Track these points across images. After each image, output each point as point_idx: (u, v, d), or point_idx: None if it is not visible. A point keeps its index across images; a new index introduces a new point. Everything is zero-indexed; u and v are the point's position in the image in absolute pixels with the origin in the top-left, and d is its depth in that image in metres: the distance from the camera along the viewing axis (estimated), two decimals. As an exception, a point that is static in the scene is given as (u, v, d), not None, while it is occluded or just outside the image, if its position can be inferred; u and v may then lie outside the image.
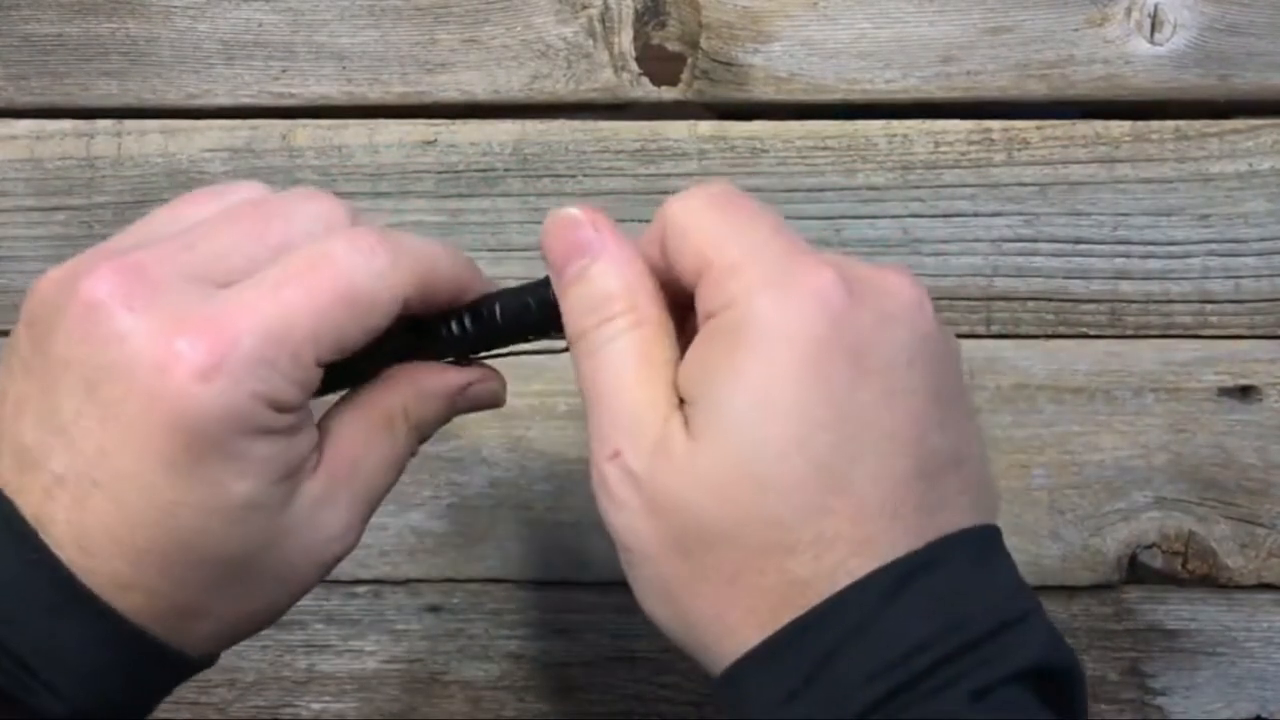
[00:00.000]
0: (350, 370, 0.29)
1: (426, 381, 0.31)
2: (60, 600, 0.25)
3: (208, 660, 0.29)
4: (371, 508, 0.30)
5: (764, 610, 0.25)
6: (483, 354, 0.32)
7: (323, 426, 0.29)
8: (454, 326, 0.31)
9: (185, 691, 0.49)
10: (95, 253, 0.27)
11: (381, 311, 0.27)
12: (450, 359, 0.32)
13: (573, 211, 0.29)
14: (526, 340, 0.31)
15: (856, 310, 0.25)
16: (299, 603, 0.30)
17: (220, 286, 0.26)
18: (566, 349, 0.30)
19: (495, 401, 0.33)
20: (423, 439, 0.31)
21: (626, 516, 0.26)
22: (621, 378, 0.27)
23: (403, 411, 0.30)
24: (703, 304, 0.26)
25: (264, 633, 0.48)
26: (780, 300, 0.25)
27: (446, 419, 0.32)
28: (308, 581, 0.29)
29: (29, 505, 0.25)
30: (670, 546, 0.26)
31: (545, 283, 0.30)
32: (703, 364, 0.26)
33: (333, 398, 0.30)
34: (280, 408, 0.26)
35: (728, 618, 0.25)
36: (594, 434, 0.27)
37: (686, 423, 0.26)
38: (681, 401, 0.27)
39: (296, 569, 0.28)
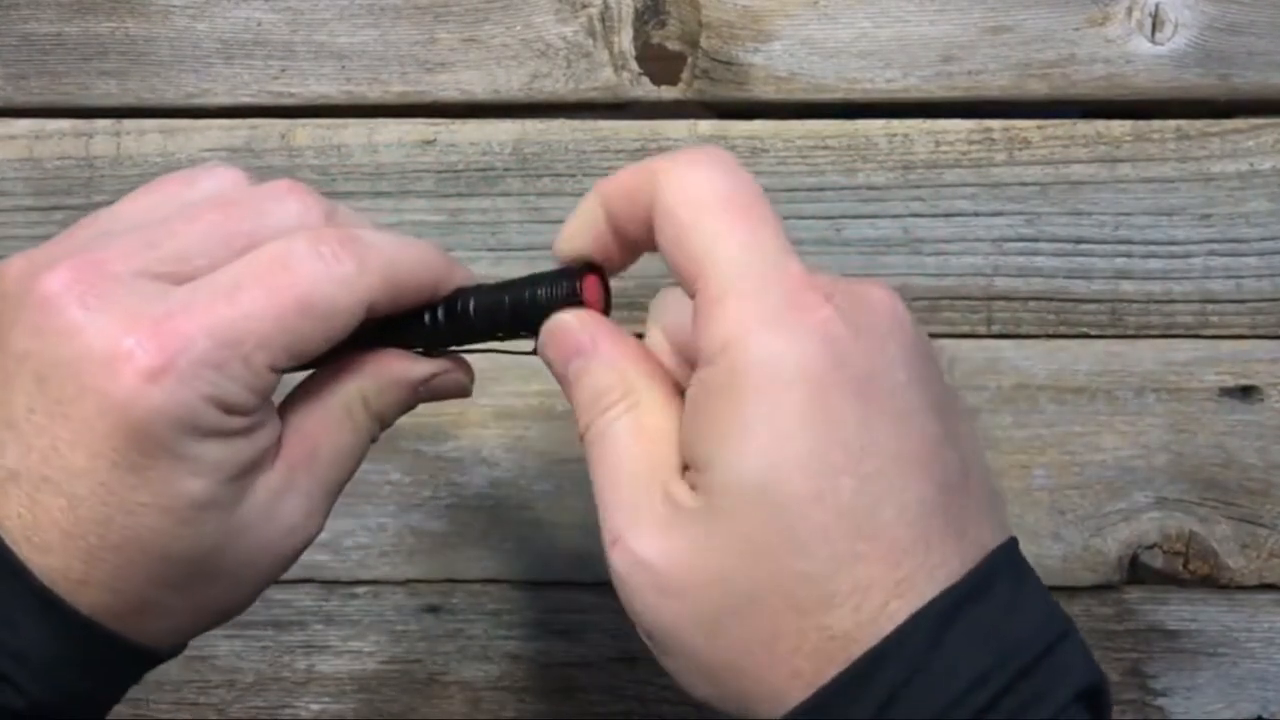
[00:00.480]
0: None
1: (390, 370, 0.30)
2: (14, 595, 0.25)
3: (173, 651, 0.29)
4: (332, 496, 0.30)
5: (809, 671, 0.23)
6: (453, 348, 0.32)
7: (281, 412, 0.29)
8: (426, 319, 0.30)
9: (185, 692, 0.49)
10: (58, 242, 0.27)
11: (342, 320, 0.27)
12: (418, 349, 0.31)
13: (565, 319, 0.29)
14: (498, 339, 0.30)
15: (855, 340, 0.24)
16: (298, 603, 0.30)
17: (179, 284, 0.26)
18: (533, 352, 0.30)
19: (461, 392, 0.32)
20: (384, 426, 0.31)
21: (643, 602, 0.25)
22: (619, 460, 0.27)
23: (362, 399, 0.30)
24: (698, 337, 0.25)
25: (263, 633, 0.49)
26: (780, 342, 0.23)
27: (409, 407, 0.31)
28: (271, 573, 0.29)
29: None
30: (697, 626, 0.24)
31: (525, 282, 0.29)
32: (705, 424, 0.25)
33: (293, 378, 0.30)
34: (232, 410, 0.25)
35: (773, 686, 0.24)
36: (600, 522, 0.26)
37: (695, 489, 0.25)
38: (686, 468, 0.25)
39: (256, 562, 0.28)
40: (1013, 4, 0.46)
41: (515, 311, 0.29)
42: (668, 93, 0.47)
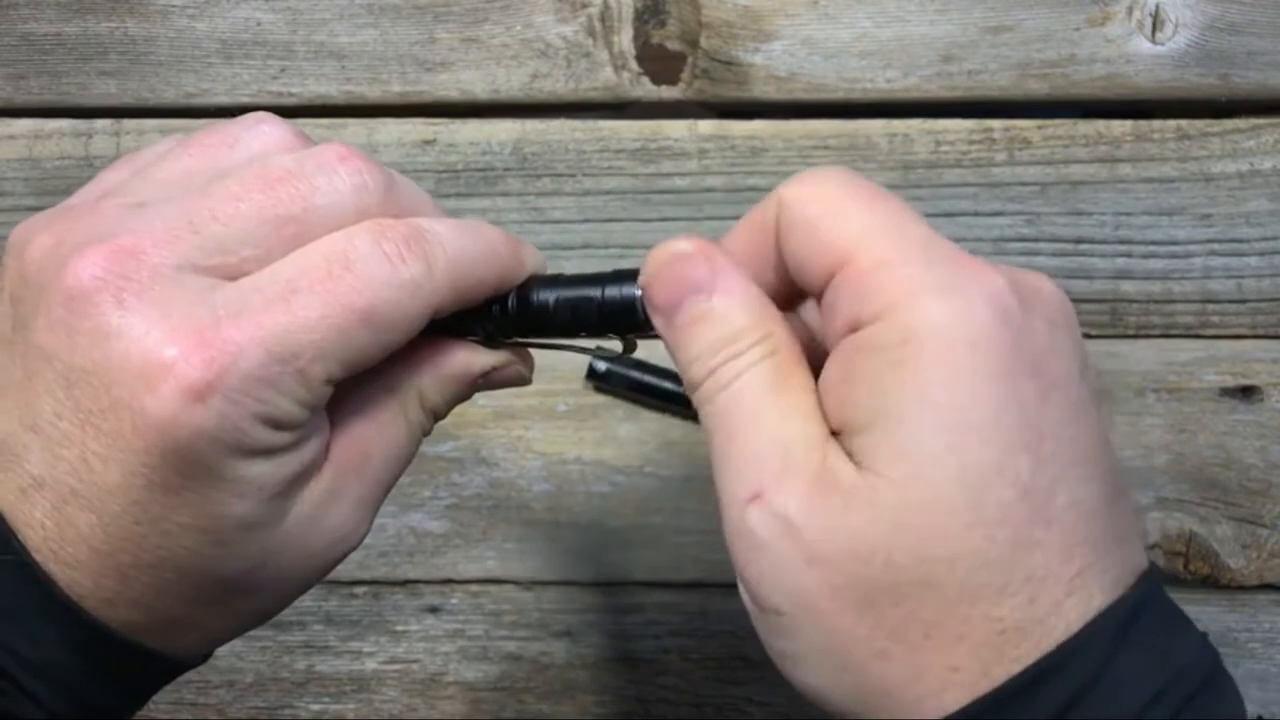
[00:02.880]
0: None
1: (450, 364, 0.27)
2: (36, 608, 0.23)
3: (199, 659, 0.27)
4: (382, 497, 0.27)
5: (972, 667, 0.21)
6: (518, 340, 0.29)
7: (329, 411, 0.26)
8: (495, 310, 0.27)
9: (185, 692, 0.48)
10: (85, 212, 0.24)
11: (407, 326, 0.24)
12: (475, 337, 0.29)
13: (680, 245, 0.25)
14: (576, 336, 0.28)
15: (1029, 318, 0.22)
16: (299, 603, 0.29)
17: (226, 279, 0.23)
18: (625, 351, 0.28)
19: (520, 382, 0.30)
20: (438, 419, 0.28)
21: (778, 570, 0.22)
22: (759, 411, 0.23)
23: (418, 395, 0.27)
24: (843, 308, 0.23)
25: (263, 633, 0.48)
26: (955, 307, 0.21)
27: (465, 399, 0.29)
28: (311, 580, 0.27)
29: (3, 502, 0.23)
30: (843, 601, 0.22)
31: (617, 276, 0.27)
32: (866, 384, 0.22)
33: None
34: (281, 427, 0.23)
35: (924, 680, 0.21)
36: (726, 477, 0.23)
37: (851, 454, 0.22)
38: (834, 432, 0.23)
39: (297, 573, 0.26)
40: (1013, 4, 0.46)
41: (605, 310, 0.26)
42: (668, 93, 0.47)
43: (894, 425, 0.21)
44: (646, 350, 0.48)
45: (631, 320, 0.26)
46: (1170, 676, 0.21)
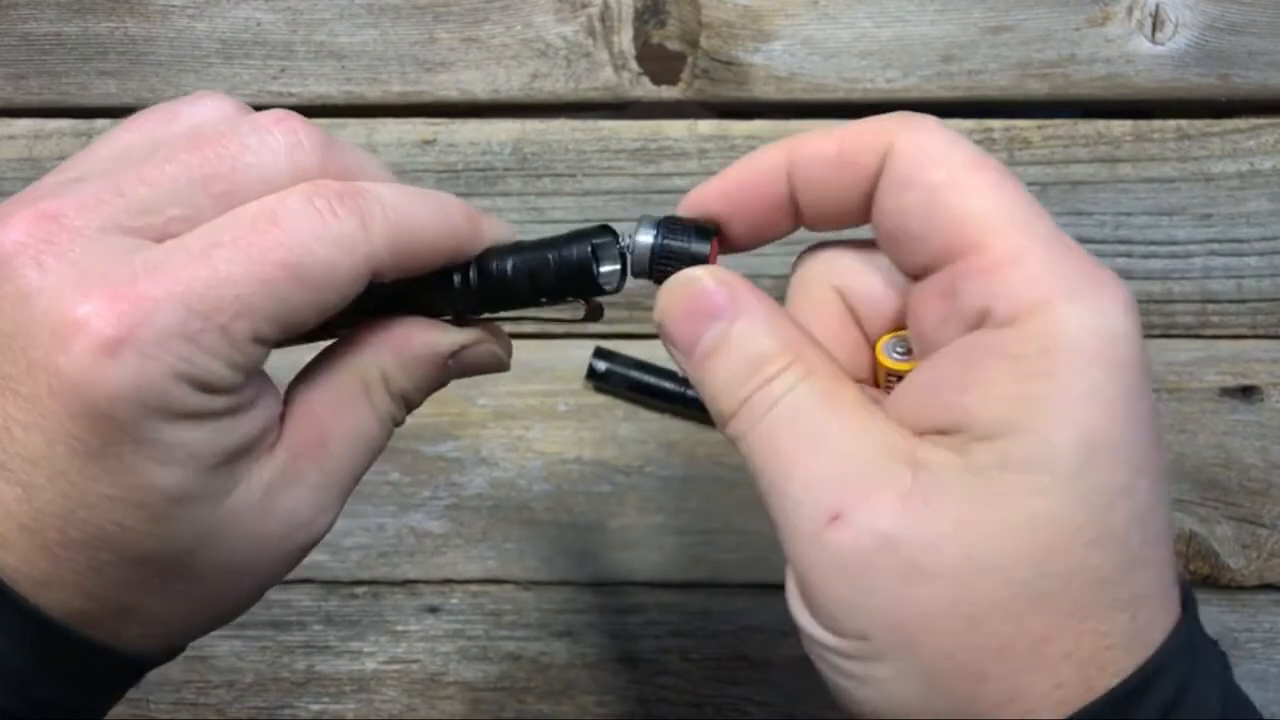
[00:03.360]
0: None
1: (414, 341, 0.26)
2: None
3: (168, 654, 0.26)
4: (346, 488, 0.26)
5: (1076, 683, 0.21)
6: (487, 315, 0.28)
7: (289, 392, 0.25)
8: (455, 280, 0.26)
9: (185, 693, 0.48)
10: (24, 193, 0.24)
11: (341, 287, 0.23)
12: (447, 316, 0.27)
13: (692, 275, 0.24)
14: (539, 304, 0.26)
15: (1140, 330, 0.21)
16: (298, 603, 0.29)
17: (154, 240, 0.22)
18: (586, 317, 0.27)
19: (497, 365, 0.28)
20: (411, 406, 0.27)
21: (869, 591, 0.21)
22: (817, 431, 0.22)
23: (382, 377, 0.26)
24: (970, 300, 0.22)
25: (263, 633, 0.48)
26: (1095, 322, 0.21)
27: (438, 385, 0.27)
28: (271, 572, 0.25)
29: None
30: (946, 620, 0.21)
31: (573, 238, 0.26)
32: (997, 390, 0.21)
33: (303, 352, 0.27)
34: (209, 389, 0.22)
35: (1025, 698, 0.21)
36: (791, 504, 0.22)
37: (959, 455, 0.21)
38: (930, 431, 0.22)
39: (251, 562, 0.24)
40: (1013, 4, 0.46)
41: (563, 270, 0.25)
42: (668, 92, 0.47)
43: (1028, 439, 0.21)
44: (647, 350, 0.48)
45: (589, 281, 0.25)
46: (1223, 693, 0.22)
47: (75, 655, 0.23)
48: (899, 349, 0.25)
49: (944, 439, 0.22)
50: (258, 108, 0.25)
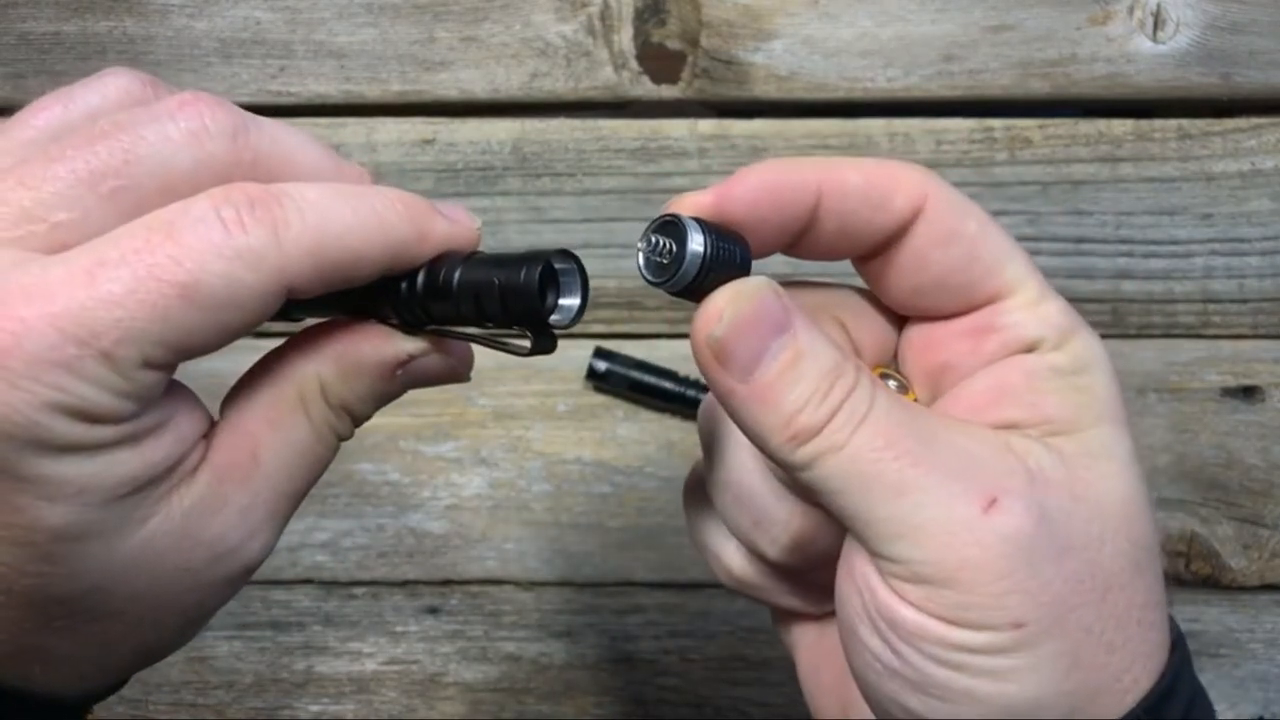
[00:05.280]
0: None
1: (356, 350, 0.24)
2: None
3: (99, 694, 0.24)
4: (281, 509, 0.24)
5: (1155, 657, 0.23)
6: (433, 329, 0.25)
7: (223, 407, 0.23)
8: (402, 288, 0.24)
9: (184, 693, 0.48)
10: None
11: (245, 305, 0.21)
12: (396, 323, 0.25)
13: (757, 284, 0.22)
14: (484, 327, 0.24)
15: None
16: (297, 604, 0.28)
17: (42, 250, 0.20)
18: (532, 349, 0.24)
19: (452, 377, 0.26)
20: (356, 421, 0.24)
21: (1031, 573, 0.21)
22: (932, 429, 0.22)
23: (320, 386, 0.23)
24: (1019, 330, 0.24)
25: (262, 634, 0.48)
26: (1097, 342, 0.25)
27: (388, 397, 0.25)
28: (203, 604, 0.23)
29: None
30: (1088, 593, 0.22)
31: (525, 259, 0.23)
32: (1057, 397, 0.24)
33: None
34: (93, 419, 0.20)
35: (1135, 667, 0.23)
36: (931, 501, 0.21)
37: (1047, 449, 0.23)
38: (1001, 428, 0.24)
39: (177, 595, 0.22)
40: (1014, 3, 0.46)
41: (507, 297, 0.23)
42: (668, 92, 0.47)
43: (1094, 433, 0.23)
44: (646, 350, 0.48)
45: (533, 312, 0.23)
46: (1189, 703, 0.24)
47: None
48: (891, 385, 0.26)
49: (1016, 433, 0.23)
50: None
